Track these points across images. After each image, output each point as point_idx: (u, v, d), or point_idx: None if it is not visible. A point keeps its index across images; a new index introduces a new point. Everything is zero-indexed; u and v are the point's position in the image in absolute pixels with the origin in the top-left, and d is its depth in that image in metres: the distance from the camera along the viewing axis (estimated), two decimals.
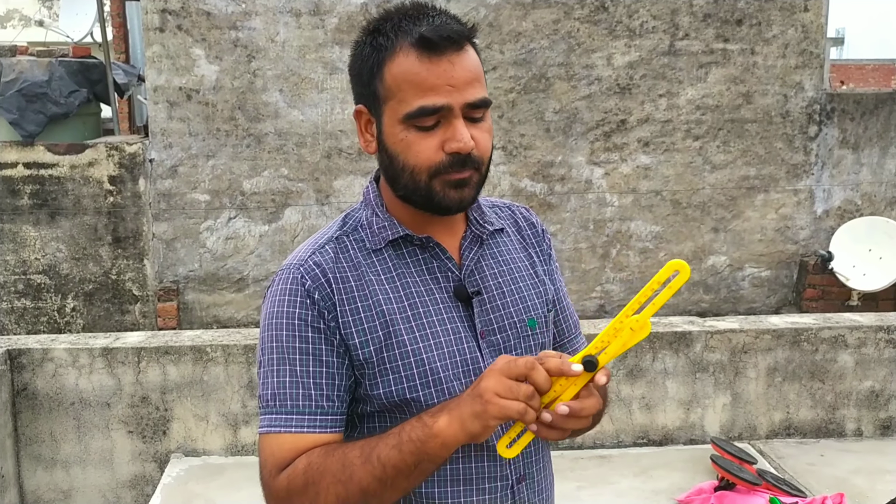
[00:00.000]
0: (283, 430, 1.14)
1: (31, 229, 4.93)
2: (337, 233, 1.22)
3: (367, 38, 1.18)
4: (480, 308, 1.22)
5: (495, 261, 1.28)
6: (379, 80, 1.15)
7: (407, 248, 1.21)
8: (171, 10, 4.92)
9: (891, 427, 3.55)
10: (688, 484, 3.08)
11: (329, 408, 1.15)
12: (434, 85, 1.11)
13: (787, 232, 5.46)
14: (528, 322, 1.26)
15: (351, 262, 1.18)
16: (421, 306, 1.18)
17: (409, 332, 1.16)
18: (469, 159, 1.14)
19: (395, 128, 1.15)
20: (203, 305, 5.18)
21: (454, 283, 1.21)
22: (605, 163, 5.30)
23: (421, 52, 1.11)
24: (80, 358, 3.18)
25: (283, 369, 1.15)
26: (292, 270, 1.17)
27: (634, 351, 3.44)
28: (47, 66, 5.00)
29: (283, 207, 5.16)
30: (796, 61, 5.29)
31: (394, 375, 1.15)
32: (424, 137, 1.13)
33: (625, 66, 5.21)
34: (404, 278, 1.19)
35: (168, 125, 5.00)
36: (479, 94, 1.14)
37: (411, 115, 1.12)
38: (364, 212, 1.24)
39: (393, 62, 1.13)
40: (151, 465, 3.26)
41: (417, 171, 1.14)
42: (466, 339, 1.19)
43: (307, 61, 5.05)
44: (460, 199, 1.16)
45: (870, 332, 3.48)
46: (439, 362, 1.16)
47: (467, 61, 1.14)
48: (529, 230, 1.37)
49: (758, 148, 5.36)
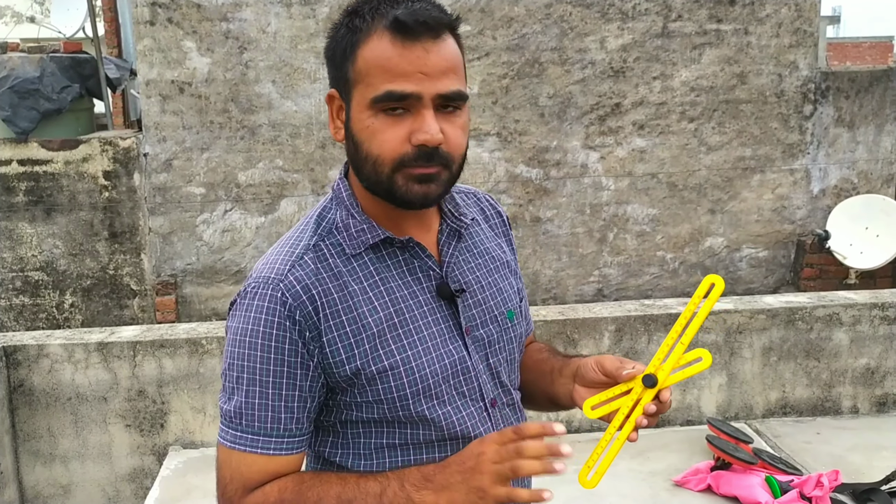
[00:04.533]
0: (249, 450, 1.11)
1: (28, 226, 4.94)
2: (313, 239, 1.16)
3: (343, 20, 1.13)
4: (464, 304, 1.20)
5: (471, 254, 1.25)
6: (351, 62, 1.11)
7: (387, 250, 1.17)
8: (161, 3, 4.91)
9: (887, 404, 3.55)
10: (684, 465, 3.09)
11: (297, 430, 1.13)
12: (405, 71, 1.06)
13: (784, 212, 5.45)
14: (507, 314, 1.25)
15: (331, 270, 1.13)
16: (406, 311, 1.15)
17: (396, 339, 1.13)
18: (437, 154, 1.08)
19: (362, 113, 1.10)
20: (201, 298, 5.19)
21: (436, 282, 1.18)
22: (600, 147, 5.29)
23: (394, 36, 1.06)
24: (75, 353, 3.19)
25: (252, 390, 1.11)
26: (271, 286, 1.11)
27: (630, 333, 3.45)
28: (39, 62, 4.99)
29: (278, 199, 5.16)
30: (790, 40, 5.26)
31: (383, 385, 1.13)
32: (391, 126, 1.08)
33: (618, 49, 5.19)
34: (387, 283, 1.15)
35: (161, 119, 5.00)
36: (453, 86, 1.08)
37: (378, 98, 1.07)
38: (338, 212, 1.19)
39: (366, 45, 1.09)
40: (150, 458, 3.28)
41: (381, 161, 1.09)
42: (452, 339, 1.18)
43: (299, 51, 5.04)
44: (424, 194, 1.10)
45: (864, 310, 3.48)
46: (428, 367, 1.14)
47: (444, 50, 1.08)
48: (496, 219, 1.35)
49: (753, 128, 5.34)
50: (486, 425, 1.20)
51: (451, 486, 1.04)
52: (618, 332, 3.43)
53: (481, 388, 1.20)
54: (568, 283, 5.40)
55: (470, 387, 1.19)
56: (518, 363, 1.31)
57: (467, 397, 1.18)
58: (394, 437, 1.16)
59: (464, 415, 1.18)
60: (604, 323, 3.42)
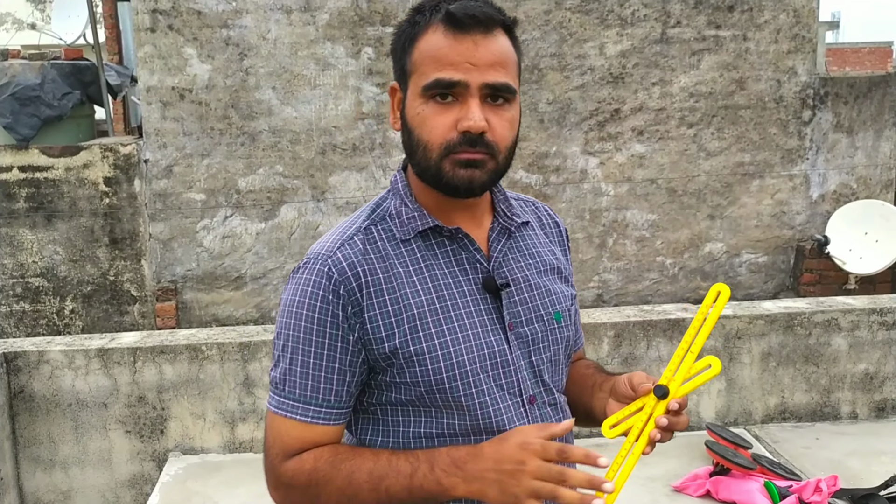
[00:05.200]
0: (290, 416, 1.17)
1: (28, 232, 4.95)
2: (366, 223, 1.22)
3: (409, 16, 1.20)
4: (509, 300, 1.22)
5: (521, 254, 1.28)
6: (409, 55, 1.18)
7: (436, 239, 1.21)
8: (162, 10, 4.93)
9: (885, 409, 3.55)
10: (683, 470, 3.09)
11: (335, 402, 1.17)
12: (453, 61, 1.12)
13: (784, 217, 5.45)
14: (554, 315, 1.27)
15: (379, 253, 1.18)
16: (449, 298, 1.18)
17: (437, 324, 1.16)
18: (480, 141, 1.13)
19: (414, 101, 1.16)
20: (201, 304, 5.20)
21: (482, 275, 1.21)
22: (599, 152, 5.30)
23: (447, 29, 1.13)
24: (75, 359, 3.20)
25: (295, 358, 1.17)
26: (319, 261, 1.17)
27: (629, 339, 3.45)
28: (39, 69, 5.01)
29: (278, 205, 5.17)
30: (789, 46, 5.28)
31: (420, 368, 1.16)
32: (440, 113, 1.14)
33: (617, 55, 5.21)
34: (433, 269, 1.19)
35: (162, 125, 5.01)
36: (500, 78, 1.14)
37: (427, 86, 1.13)
38: (393, 201, 1.24)
39: (423, 38, 1.16)
40: (150, 464, 3.28)
41: (430, 147, 1.15)
42: (494, 332, 1.20)
43: (299, 58, 5.05)
44: (469, 178, 1.15)
45: (863, 315, 3.48)
46: (466, 354, 1.17)
47: (494, 45, 1.14)
48: (553, 228, 1.39)
49: (752, 134, 5.35)
50: (523, 420, 1.21)
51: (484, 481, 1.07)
52: (617, 338, 3.43)
53: (520, 384, 1.22)
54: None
55: (509, 380, 1.20)
56: (564, 366, 1.32)
57: (505, 390, 1.20)
58: (431, 425, 1.19)
59: (500, 407, 1.19)
60: (603, 329, 3.42)
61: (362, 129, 5.14)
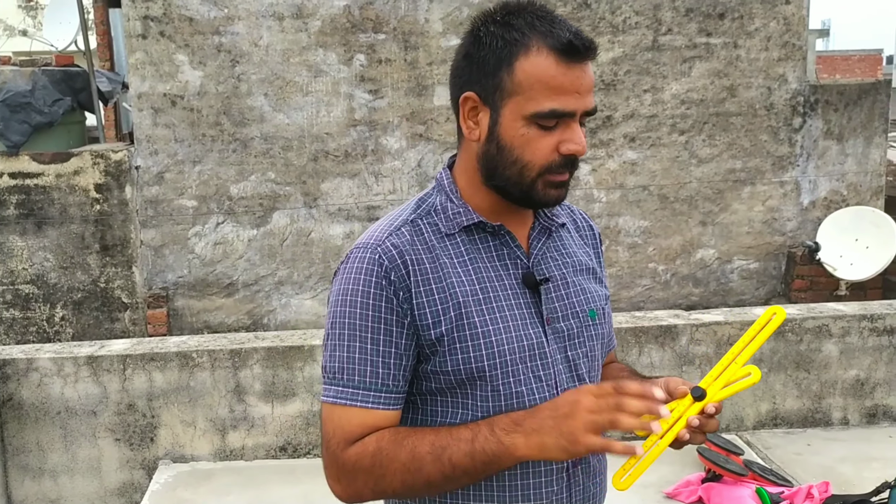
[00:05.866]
0: (349, 404, 1.18)
1: (18, 239, 4.93)
2: (412, 216, 1.26)
3: (495, 29, 1.19)
4: (547, 296, 1.26)
5: (559, 253, 1.33)
6: (507, 72, 1.18)
7: (479, 235, 1.25)
8: (154, 17, 4.92)
9: (876, 415, 3.56)
10: (676, 476, 3.09)
11: (394, 386, 1.20)
12: (566, 90, 1.16)
13: (775, 224, 5.47)
14: (589, 313, 1.31)
15: (425, 244, 1.22)
16: (491, 290, 1.22)
17: (480, 314, 1.20)
18: (577, 161, 1.21)
19: (516, 122, 1.18)
20: (193, 311, 5.18)
21: (522, 271, 1.25)
22: (591, 159, 5.31)
23: (560, 56, 1.16)
24: (65, 367, 3.18)
25: (353, 345, 1.19)
26: (370, 250, 1.20)
27: (621, 345, 3.45)
28: (30, 75, 5.00)
29: (270, 211, 5.16)
30: (779, 54, 5.30)
31: (463, 355, 1.19)
32: (544, 136, 1.18)
33: (609, 62, 5.22)
34: (476, 263, 1.23)
35: (153, 132, 5.00)
36: (594, 103, 1.21)
37: (541, 114, 1.16)
38: (438, 197, 1.28)
39: (527, 59, 1.17)
40: (139, 472, 3.26)
41: (530, 167, 1.19)
42: (533, 325, 1.23)
43: (291, 65, 5.05)
44: (557, 197, 1.23)
45: (853, 322, 3.49)
46: (507, 345, 1.20)
47: (591, 72, 1.20)
48: (587, 231, 1.43)
49: (743, 141, 5.37)
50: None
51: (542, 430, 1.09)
52: None
53: (556, 377, 1.25)
54: None
55: (546, 372, 1.24)
56: (600, 362, 1.36)
57: (543, 382, 1.23)
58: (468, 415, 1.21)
59: (537, 398, 1.21)
60: None
61: (354, 135, 5.14)
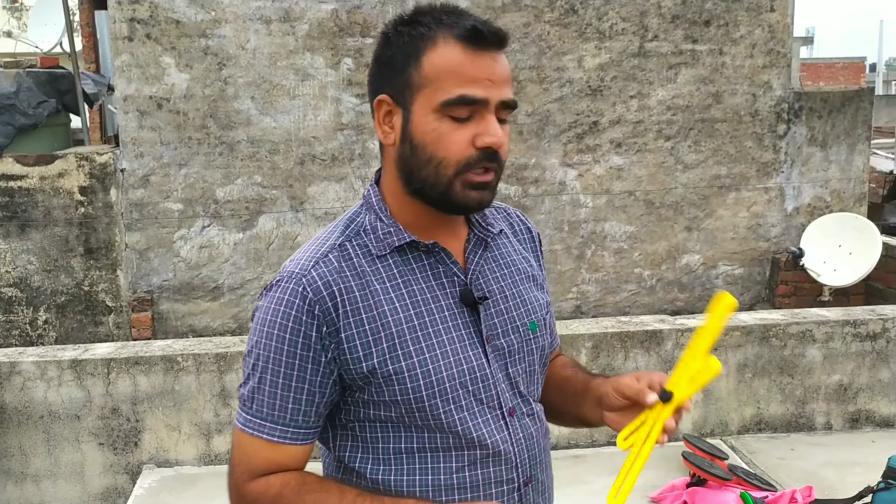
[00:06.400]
0: (256, 434, 1.16)
1: (1, 242, 4.89)
2: (340, 239, 1.20)
3: (402, 28, 1.17)
4: (486, 313, 1.22)
5: (497, 264, 1.28)
6: (415, 67, 1.14)
7: (412, 254, 1.20)
8: (140, 19, 4.90)
9: (859, 420, 3.59)
10: (661, 481, 3.10)
11: (303, 422, 1.16)
12: (475, 77, 1.12)
13: (759, 230, 5.51)
14: (530, 326, 1.27)
15: (355, 269, 1.16)
16: (427, 314, 1.17)
17: (416, 341, 1.15)
18: (496, 156, 1.14)
19: (427, 117, 1.13)
20: (178, 315, 5.15)
21: (460, 288, 1.20)
22: (578, 164, 5.33)
23: (466, 44, 1.12)
24: (48, 370, 3.16)
25: (264, 377, 1.15)
26: (293, 280, 1.15)
27: (607, 350, 3.46)
28: (15, 77, 4.96)
29: (257, 215, 5.14)
30: (764, 61, 5.35)
31: (400, 386, 1.14)
32: (457, 129, 1.13)
33: (595, 68, 5.25)
34: (410, 285, 1.18)
35: (139, 134, 4.98)
36: (511, 95, 1.16)
37: (450, 102, 1.11)
38: (367, 216, 1.22)
39: (434, 51, 1.13)
40: (123, 476, 3.24)
41: (445, 163, 1.13)
42: (472, 346, 1.19)
43: (278, 68, 5.04)
44: (480, 200, 1.16)
45: (836, 327, 3.52)
46: (445, 371, 1.16)
47: (504, 62, 1.16)
48: (525, 234, 1.39)
49: (728, 147, 5.41)
50: (504, 433, 1.21)
51: None
52: (595, 349, 3.44)
53: (499, 397, 1.21)
54: None
55: (488, 394, 1.20)
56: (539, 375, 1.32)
57: (485, 404, 1.20)
58: (411, 440, 1.18)
59: (479, 421, 1.19)
60: (581, 340, 3.43)
61: (341, 139, 5.14)
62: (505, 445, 1.21)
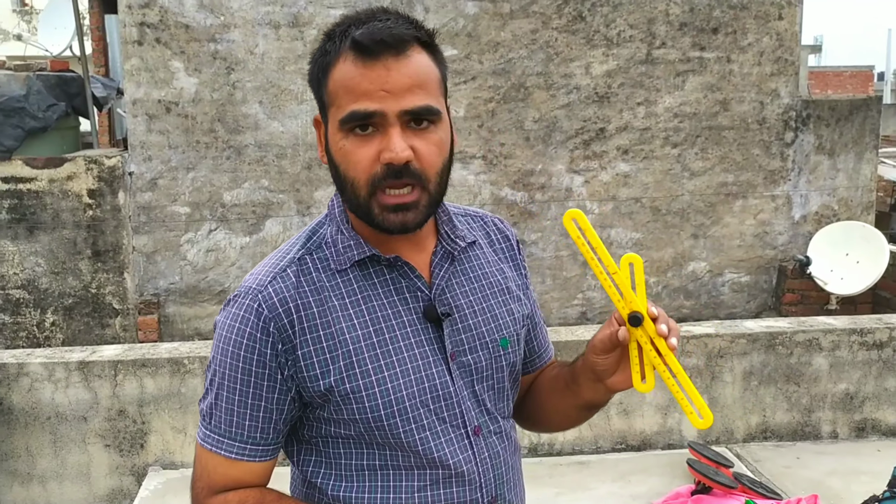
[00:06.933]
0: (214, 450, 1.14)
1: (10, 244, 4.91)
2: (300, 252, 1.16)
3: (321, 44, 1.14)
4: (451, 328, 1.17)
5: (466, 277, 1.22)
6: (324, 86, 1.12)
7: (374, 268, 1.15)
8: (150, 23, 4.93)
9: (865, 429, 3.57)
10: (666, 488, 3.10)
11: (261, 439, 1.15)
12: (367, 90, 1.06)
13: (766, 237, 5.50)
14: (500, 342, 1.22)
15: (313, 285, 1.13)
16: (387, 331, 1.13)
17: (374, 359, 1.12)
18: (407, 171, 1.06)
19: (335, 135, 1.10)
20: (184, 318, 5.17)
21: (424, 304, 1.16)
22: (584, 171, 5.33)
23: (356, 57, 1.07)
24: (55, 372, 3.17)
25: (221, 393, 1.14)
26: (249, 296, 1.12)
27: None
28: (25, 80, 4.99)
29: (263, 219, 5.16)
30: (772, 69, 5.34)
31: (357, 405, 1.11)
32: (361, 146, 1.07)
33: (603, 74, 5.25)
34: (370, 301, 1.14)
35: (147, 138, 5.00)
36: (419, 102, 1.06)
37: (343, 119, 1.08)
38: (329, 228, 1.19)
39: (335, 68, 1.10)
40: (129, 478, 3.25)
41: (357, 183, 1.09)
42: (435, 363, 1.15)
43: (286, 73, 5.06)
44: (402, 222, 1.09)
45: (843, 335, 3.51)
46: (405, 390, 1.13)
47: (408, 67, 1.07)
48: (503, 243, 1.32)
49: (735, 154, 5.40)
50: (467, 453, 1.18)
51: None
52: None
53: (464, 415, 1.18)
54: (552, 306, 5.41)
55: (451, 413, 1.17)
56: (510, 391, 1.27)
57: (448, 423, 1.16)
58: (373, 457, 1.15)
59: (442, 441, 1.16)
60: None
61: None
62: (468, 465, 1.17)
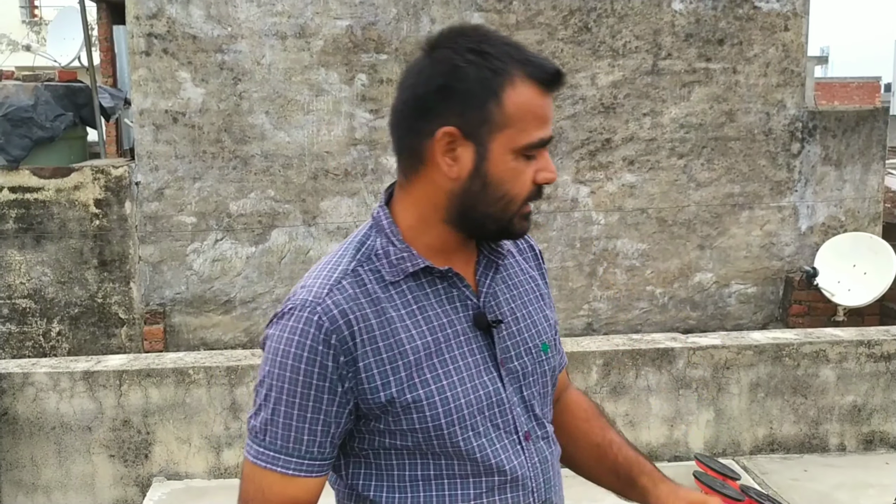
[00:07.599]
0: (269, 467, 1.14)
1: (17, 253, 4.93)
2: (352, 264, 1.17)
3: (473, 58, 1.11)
4: (499, 335, 1.21)
5: (507, 285, 1.27)
6: (496, 105, 1.11)
7: (426, 279, 1.18)
8: (157, 34, 4.95)
9: (873, 441, 3.55)
10: None
11: (318, 454, 1.14)
12: (547, 118, 1.15)
13: (773, 248, 5.48)
14: (542, 347, 1.26)
15: (369, 296, 1.14)
16: (443, 340, 1.16)
17: (433, 368, 1.14)
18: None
19: (506, 156, 1.13)
20: (190, 328, 5.17)
21: (473, 312, 1.19)
22: (590, 181, 5.33)
23: (541, 86, 1.13)
24: (60, 382, 3.17)
25: (278, 409, 1.13)
26: (308, 309, 1.12)
27: (618, 368, 3.45)
28: (33, 90, 5.02)
29: (269, 229, 5.17)
30: (778, 80, 5.34)
31: (418, 414, 1.13)
32: (528, 167, 1.15)
33: (609, 85, 5.25)
34: (425, 311, 1.16)
35: (154, 148, 5.02)
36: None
37: (532, 146, 1.14)
38: (378, 239, 1.19)
39: (513, 90, 1.11)
40: (133, 489, 3.24)
41: (516, 200, 1.15)
42: (487, 370, 1.18)
43: (293, 83, 5.08)
44: (527, 228, 1.21)
45: (850, 347, 3.49)
46: (463, 398, 1.15)
47: None
48: (528, 252, 1.37)
49: (741, 165, 5.40)
50: (521, 458, 1.20)
51: None
52: (605, 367, 3.43)
53: (515, 421, 1.20)
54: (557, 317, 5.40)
55: (504, 419, 1.19)
56: (551, 396, 1.32)
57: (502, 429, 1.19)
58: (428, 468, 1.16)
59: (498, 447, 1.18)
60: (592, 357, 3.42)
61: (354, 154, 5.16)
62: (522, 471, 1.19)
